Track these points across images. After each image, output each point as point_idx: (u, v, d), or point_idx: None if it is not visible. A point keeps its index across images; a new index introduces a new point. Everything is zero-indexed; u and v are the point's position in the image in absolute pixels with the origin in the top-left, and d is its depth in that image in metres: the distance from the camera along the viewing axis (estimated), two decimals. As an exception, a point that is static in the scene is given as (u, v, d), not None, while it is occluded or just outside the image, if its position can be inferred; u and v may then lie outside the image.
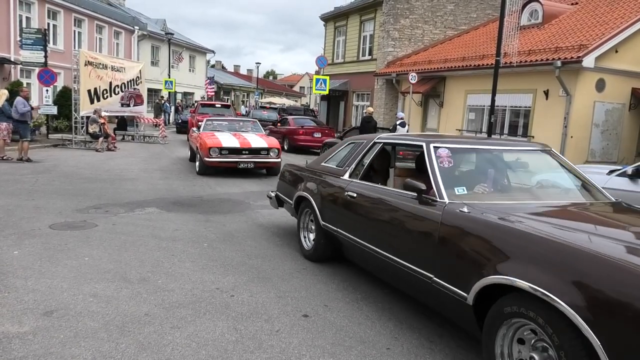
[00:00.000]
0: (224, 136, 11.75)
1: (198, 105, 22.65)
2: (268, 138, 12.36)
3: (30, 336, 3.42)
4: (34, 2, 22.44)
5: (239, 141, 11.49)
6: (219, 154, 11.14)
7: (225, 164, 11.27)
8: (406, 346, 3.58)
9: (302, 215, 5.75)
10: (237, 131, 12.75)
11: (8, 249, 5.33)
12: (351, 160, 5.13)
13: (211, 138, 11.48)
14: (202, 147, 11.26)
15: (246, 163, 11.35)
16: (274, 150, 11.69)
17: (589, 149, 14.64)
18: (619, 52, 14.40)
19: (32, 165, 11.84)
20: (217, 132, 12.24)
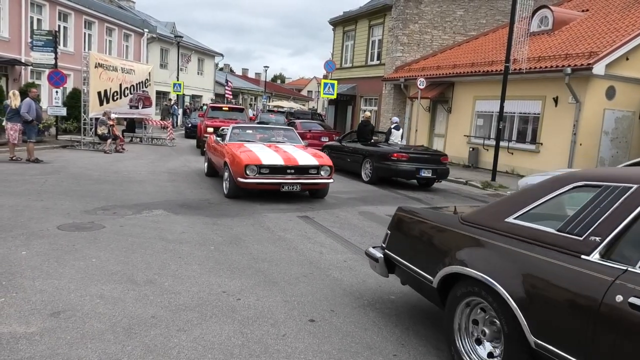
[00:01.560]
0: (262, 150, 9.35)
1: (208, 108, 20.22)
2: (315, 152, 10.02)
3: (37, 337, 3.43)
4: (45, 4, 22.65)
5: (282, 157, 9.06)
6: (258, 173, 8.72)
7: (265, 186, 8.89)
8: (413, 353, 3.55)
9: (462, 310, 3.30)
10: (271, 142, 10.43)
11: (16, 249, 5.35)
12: (603, 221, 2.62)
13: (247, 153, 9.07)
14: (235, 163, 8.85)
15: (291, 185, 8.92)
16: (326, 169, 9.23)
17: (598, 156, 14.55)
18: (630, 60, 14.33)
19: (41, 166, 11.91)
20: (249, 144, 9.92)
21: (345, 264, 5.55)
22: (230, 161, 9.06)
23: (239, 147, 9.48)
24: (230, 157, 9.18)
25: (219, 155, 10.26)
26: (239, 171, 8.70)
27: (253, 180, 8.71)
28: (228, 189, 9.23)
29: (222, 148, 10.01)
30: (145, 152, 17.10)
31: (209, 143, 11.86)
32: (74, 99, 19.45)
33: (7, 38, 20.52)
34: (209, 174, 11.77)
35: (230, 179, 9.04)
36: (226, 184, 9.36)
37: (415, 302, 4.52)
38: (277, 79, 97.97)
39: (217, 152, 10.44)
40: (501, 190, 12.62)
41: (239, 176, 8.73)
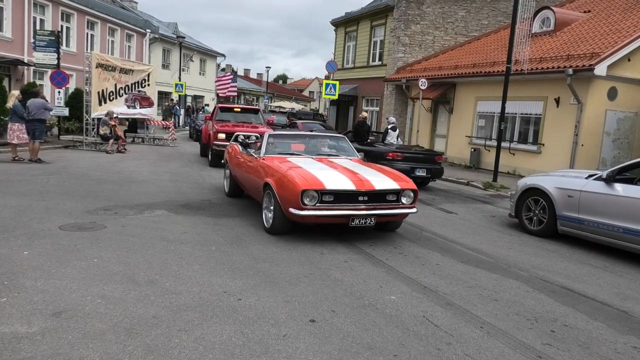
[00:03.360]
0: (318, 168, 6.89)
1: (216, 109, 16.26)
2: (389, 170, 7.38)
3: (39, 337, 3.44)
4: (47, 5, 22.68)
5: (351, 179, 6.49)
6: (319, 202, 6.23)
7: (328, 219, 6.38)
8: (413, 353, 3.56)
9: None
10: (320, 155, 8.04)
11: (18, 249, 5.36)
12: None
13: (300, 172, 6.54)
14: (286, 187, 6.37)
15: (364, 218, 6.31)
16: (409, 194, 6.67)
17: (600, 157, 14.54)
18: (632, 61, 14.32)
19: (43, 166, 11.94)
20: (294, 158, 7.55)
21: (346, 264, 5.55)
22: (278, 184, 6.52)
23: (284, 163, 7.07)
24: (276, 178, 6.64)
25: (252, 173, 7.70)
26: (292, 199, 6.18)
27: (312, 212, 6.15)
28: (272, 223, 6.66)
29: (257, 163, 7.52)
30: (147, 152, 17.12)
31: (231, 154, 9.31)
32: (75, 99, 19.49)
33: (10, 38, 20.56)
34: (232, 193, 9.33)
35: (277, 208, 6.50)
36: (268, 214, 6.85)
37: (415, 303, 4.52)
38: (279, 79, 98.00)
39: (249, 169, 7.93)
40: (503, 190, 12.61)
41: (292, 206, 6.19)
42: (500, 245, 7.14)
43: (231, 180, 9.30)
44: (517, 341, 3.87)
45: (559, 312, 4.57)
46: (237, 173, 8.79)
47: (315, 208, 6.20)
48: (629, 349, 3.91)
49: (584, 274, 5.93)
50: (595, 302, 4.94)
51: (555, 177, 7.94)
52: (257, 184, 7.38)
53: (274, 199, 6.59)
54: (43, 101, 12.94)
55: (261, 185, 7.07)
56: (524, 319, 4.33)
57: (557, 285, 5.35)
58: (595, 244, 7.17)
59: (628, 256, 6.75)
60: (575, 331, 4.15)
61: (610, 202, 6.69)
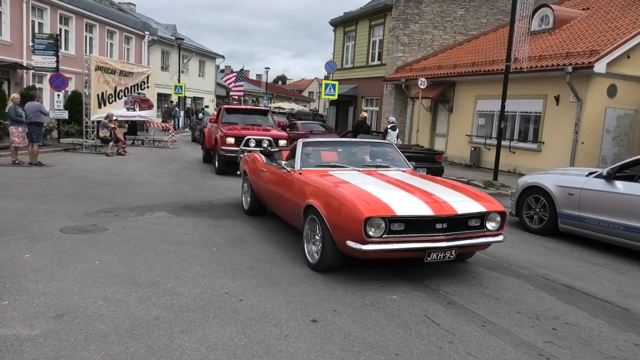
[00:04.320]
0: (382, 188, 5.39)
1: (222, 111, 14.73)
2: (466, 188, 5.81)
3: (41, 339, 3.44)
4: (46, 8, 22.69)
5: (425, 200, 5.05)
6: (387, 232, 4.75)
7: (399, 253, 4.94)
8: (415, 352, 3.56)
9: None
10: (368, 167, 6.58)
11: (20, 252, 5.37)
12: None
13: (359, 193, 5.08)
14: (344, 215, 4.89)
15: (444, 251, 4.92)
16: (496, 218, 5.26)
17: (600, 155, 14.54)
18: (631, 58, 14.32)
19: (44, 169, 11.95)
20: (340, 172, 6.13)
21: (347, 264, 5.55)
22: (328, 208, 5.08)
23: (328, 178, 5.73)
24: (324, 200, 5.20)
25: (285, 190, 6.28)
26: (352, 229, 4.71)
27: (378, 246, 4.69)
28: (320, 258, 5.22)
29: (293, 179, 6.09)
30: (147, 154, 17.13)
31: (251, 165, 7.94)
32: (74, 101, 19.49)
33: (9, 42, 20.57)
34: (253, 211, 7.90)
35: (326, 239, 5.07)
36: (311, 247, 5.46)
37: (417, 302, 4.52)
38: (279, 80, 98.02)
39: (280, 185, 6.52)
40: (503, 189, 12.61)
41: (351, 238, 4.73)
42: (501, 243, 7.13)
43: (253, 196, 7.84)
44: (518, 339, 3.87)
45: (560, 310, 4.57)
46: (261, 189, 7.37)
47: (382, 240, 4.68)
48: (630, 346, 3.91)
49: (585, 271, 5.93)
50: (597, 299, 4.94)
51: (555, 175, 7.94)
52: (293, 205, 5.92)
53: (321, 226, 5.16)
54: (39, 104, 12.96)
55: (301, 208, 5.60)
56: (525, 317, 4.33)
57: (558, 283, 5.35)
58: (596, 242, 7.18)
59: (629, 253, 6.75)
60: (576, 329, 4.16)
61: (610, 200, 6.69)
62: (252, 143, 12.19)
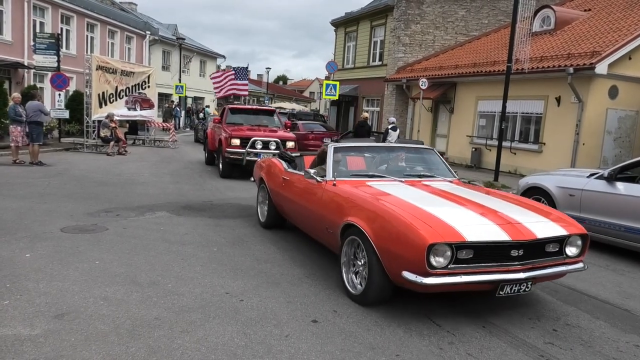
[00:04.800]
0: (441, 206, 4.58)
1: (226, 111, 14.02)
2: (537, 206, 5.01)
3: (42, 339, 3.44)
4: (47, 7, 22.71)
5: (497, 222, 4.20)
6: (452, 262, 3.89)
7: (467, 286, 4.11)
8: (416, 353, 3.56)
9: None
10: (410, 177, 5.66)
11: (20, 251, 5.37)
12: None
13: (416, 212, 4.22)
14: (398, 238, 4.03)
15: (520, 284, 4.12)
16: (576, 242, 4.47)
17: (601, 156, 14.52)
18: (633, 59, 14.30)
19: (44, 168, 11.95)
20: (379, 183, 5.23)
21: (347, 265, 5.56)
22: (377, 229, 4.22)
23: (372, 193, 4.79)
24: (370, 220, 4.33)
25: (315, 204, 5.36)
26: (413, 258, 3.86)
27: (443, 279, 3.86)
28: (365, 290, 4.35)
29: (325, 192, 5.19)
30: (147, 154, 17.14)
31: (269, 172, 7.07)
32: (75, 101, 19.50)
33: (10, 41, 20.59)
34: (271, 223, 7.06)
35: (374, 268, 4.21)
36: (352, 276, 4.62)
37: (418, 302, 4.52)
38: (280, 80, 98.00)
39: (307, 198, 5.64)
40: (504, 190, 12.59)
41: (410, 268, 3.91)
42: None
43: (271, 207, 6.94)
44: (519, 340, 3.87)
45: (561, 311, 4.56)
46: (282, 200, 6.48)
47: (447, 272, 3.83)
48: (631, 347, 3.90)
49: (585, 272, 5.92)
50: (597, 300, 4.94)
51: (556, 176, 7.93)
52: (326, 222, 5.06)
53: (366, 251, 4.30)
54: (39, 104, 12.96)
55: (337, 227, 4.74)
56: (526, 318, 4.33)
57: (558, 284, 5.34)
58: (596, 243, 7.16)
59: (630, 255, 6.74)
60: (577, 330, 4.15)
61: (611, 201, 6.68)
62: (259, 145, 11.84)
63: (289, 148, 11.82)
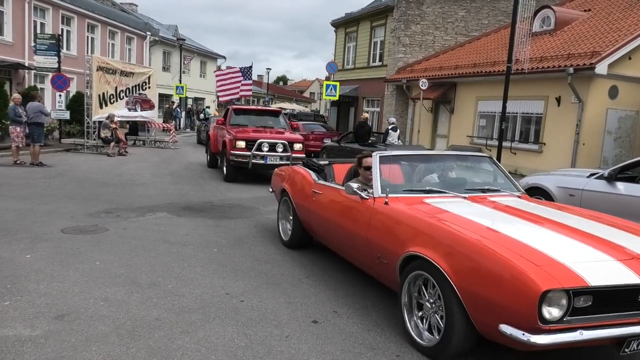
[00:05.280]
0: (538, 236, 3.58)
1: (230, 112, 13.38)
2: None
3: (42, 340, 3.45)
4: (48, 8, 22.72)
5: (619, 258, 3.19)
6: (568, 312, 2.93)
7: (585, 343, 3.07)
8: (416, 353, 3.56)
9: None
10: (471, 191, 4.75)
11: (21, 252, 5.38)
12: None
13: (508, 243, 3.28)
14: (501, 283, 3.01)
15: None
16: None
17: (602, 156, 14.52)
18: (633, 59, 14.30)
19: (45, 169, 11.96)
20: (438, 200, 4.33)
21: (347, 265, 5.54)
22: (464, 268, 3.29)
23: (439, 214, 3.93)
24: (454, 255, 3.38)
25: (362, 226, 4.40)
26: (518, 309, 2.95)
27: (559, 335, 2.93)
28: (443, 341, 3.43)
29: (375, 211, 4.27)
30: (148, 154, 17.14)
31: (294, 183, 6.17)
32: (76, 102, 19.51)
33: (11, 42, 20.60)
34: (296, 243, 6.15)
35: (458, 317, 3.32)
36: (419, 322, 3.75)
37: (418, 303, 4.52)
38: (280, 80, 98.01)
39: (349, 217, 4.70)
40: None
41: (516, 322, 2.98)
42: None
43: (297, 224, 6.03)
44: None
45: None
46: (311, 217, 5.62)
47: (562, 327, 2.95)
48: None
49: None
50: None
51: (556, 176, 7.93)
52: (376, 249, 4.15)
53: (442, 292, 3.37)
54: (40, 104, 12.97)
55: (396, 258, 3.81)
56: None
57: None
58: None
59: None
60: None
61: (612, 201, 6.68)
62: (265, 147, 11.35)
63: (296, 150, 11.63)
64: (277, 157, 11.35)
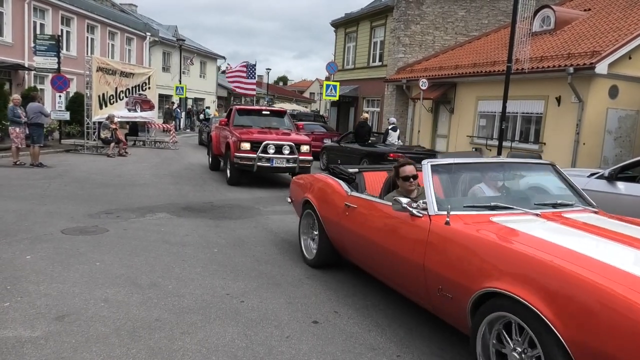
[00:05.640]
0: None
1: (233, 112, 12.96)
2: None
3: (42, 341, 3.44)
4: (48, 9, 22.72)
5: None
6: None
7: None
8: (417, 354, 3.55)
9: None
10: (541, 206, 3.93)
11: (21, 253, 5.37)
12: None
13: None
14: (632, 342, 2.24)
15: None
16: None
17: (602, 156, 14.50)
18: (633, 59, 14.28)
19: (45, 170, 11.95)
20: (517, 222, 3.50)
21: (348, 265, 5.54)
22: (589, 323, 2.44)
23: (522, 239, 3.19)
24: (572, 307, 2.53)
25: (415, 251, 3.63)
26: None
27: None
28: None
29: (436, 235, 3.50)
30: (148, 155, 17.14)
31: (320, 193, 5.42)
32: (76, 103, 19.51)
33: (11, 43, 20.60)
34: (323, 262, 5.40)
35: None
36: None
37: (418, 303, 4.51)
38: (280, 81, 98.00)
39: (398, 239, 3.93)
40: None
41: None
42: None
43: (324, 242, 5.24)
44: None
45: None
46: (344, 235, 4.83)
47: None
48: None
49: None
50: (599, 300, 4.91)
51: None
52: (437, 280, 3.41)
53: (540, 342, 2.66)
54: (40, 105, 12.96)
55: (466, 294, 3.12)
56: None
57: None
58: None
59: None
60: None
61: (612, 201, 6.67)
62: (271, 149, 10.83)
63: (303, 152, 11.19)
64: (284, 160, 10.88)
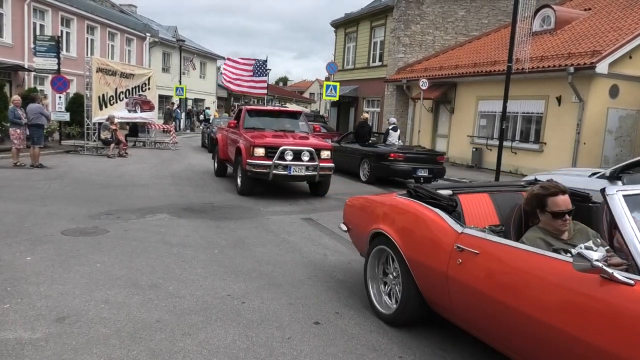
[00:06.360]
0: None
1: (243, 112, 11.58)
2: None
3: (43, 342, 3.43)
4: (47, 10, 22.73)
5: None
6: None
7: None
8: (418, 354, 3.54)
9: None
10: None
11: (21, 254, 5.36)
12: None
13: None
14: None
15: None
16: None
17: (602, 155, 14.50)
18: (633, 58, 14.29)
19: (45, 171, 11.94)
20: None
21: (349, 266, 5.53)
22: None
23: None
24: None
25: None
26: None
27: None
28: None
29: None
30: (148, 156, 17.12)
31: (409, 227, 3.88)
32: (76, 103, 19.51)
33: (11, 44, 20.60)
34: (406, 320, 3.96)
35: None
36: None
37: (420, 303, 4.50)
38: (280, 81, 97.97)
39: (584, 326, 2.37)
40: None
41: None
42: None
43: (411, 293, 3.81)
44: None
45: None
46: (454, 292, 3.37)
47: None
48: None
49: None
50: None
51: (557, 175, 7.88)
52: None
53: None
54: (40, 106, 12.91)
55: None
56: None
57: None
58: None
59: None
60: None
61: None
62: (289, 155, 9.62)
63: (324, 159, 9.93)
64: (303, 167, 9.71)
